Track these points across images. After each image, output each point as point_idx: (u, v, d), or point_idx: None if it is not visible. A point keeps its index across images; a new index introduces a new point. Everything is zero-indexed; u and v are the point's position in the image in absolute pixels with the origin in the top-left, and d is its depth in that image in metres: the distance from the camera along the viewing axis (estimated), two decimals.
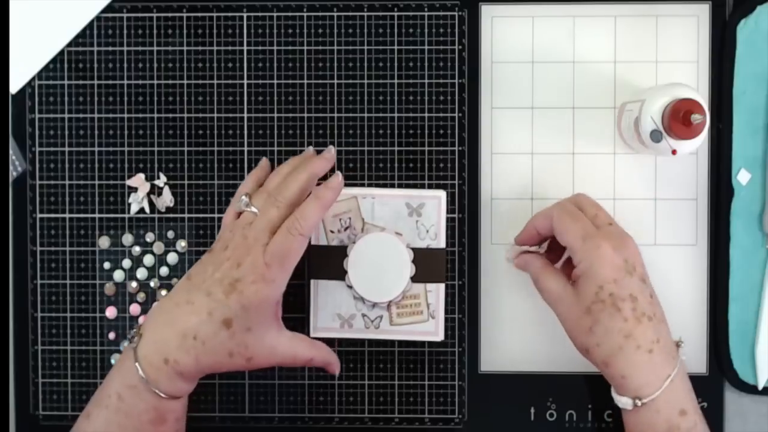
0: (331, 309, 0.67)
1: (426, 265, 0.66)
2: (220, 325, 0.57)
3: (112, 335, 0.69)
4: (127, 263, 0.69)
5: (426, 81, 0.68)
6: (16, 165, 0.69)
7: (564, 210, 0.61)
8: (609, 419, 0.68)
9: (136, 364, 0.57)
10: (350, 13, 0.68)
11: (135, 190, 0.69)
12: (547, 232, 0.62)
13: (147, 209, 0.69)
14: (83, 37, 0.69)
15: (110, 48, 0.69)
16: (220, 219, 0.69)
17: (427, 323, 0.67)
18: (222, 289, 0.57)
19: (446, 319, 0.68)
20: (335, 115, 0.68)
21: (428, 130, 0.68)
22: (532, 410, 0.68)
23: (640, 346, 0.56)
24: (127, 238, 0.69)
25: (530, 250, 0.65)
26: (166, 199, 0.69)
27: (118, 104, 0.69)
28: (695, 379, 0.68)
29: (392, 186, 0.68)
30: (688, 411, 0.57)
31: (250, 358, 0.59)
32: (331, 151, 0.65)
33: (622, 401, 0.58)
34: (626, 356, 0.56)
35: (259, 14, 0.68)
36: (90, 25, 0.68)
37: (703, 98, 0.59)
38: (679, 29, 0.68)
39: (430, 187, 0.68)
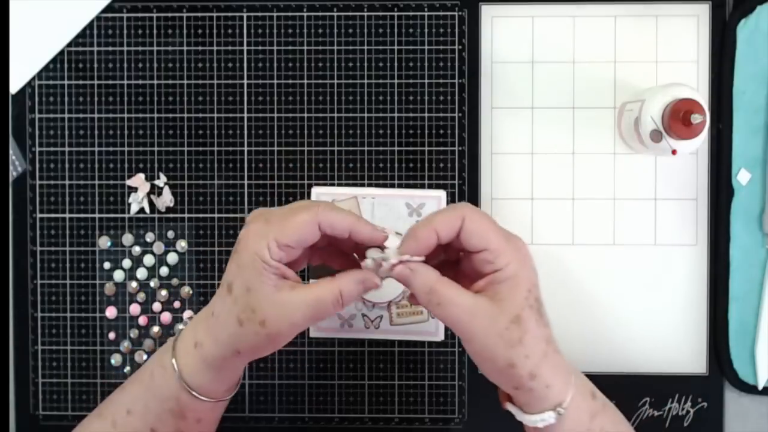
0: None
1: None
2: (226, 291, 0.53)
3: (112, 335, 0.69)
4: (127, 263, 0.69)
5: (426, 81, 0.68)
6: (16, 165, 0.69)
7: (473, 210, 0.52)
8: None
9: (174, 346, 0.55)
10: (350, 13, 0.68)
11: (135, 190, 0.69)
12: (449, 237, 0.52)
13: (147, 209, 0.69)
14: (83, 37, 0.69)
15: (110, 48, 0.69)
16: (220, 219, 0.69)
17: (427, 323, 0.67)
18: (232, 255, 0.54)
19: None
20: (335, 115, 0.68)
21: (428, 130, 0.68)
22: None
23: (556, 349, 0.52)
24: (127, 238, 0.69)
25: (412, 259, 0.52)
26: (166, 199, 0.69)
27: (118, 104, 0.69)
28: (695, 379, 0.68)
29: (392, 186, 0.68)
30: (595, 391, 0.54)
31: (263, 321, 0.51)
32: (386, 233, 0.54)
33: (544, 417, 0.51)
34: (550, 362, 0.51)
35: (259, 14, 0.68)
36: (90, 25, 0.69)
37: (703, 98, 0.59)
38: (679, 29, 0.68)
39: (430, 187, 0.68)
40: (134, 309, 0.69)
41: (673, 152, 0.60)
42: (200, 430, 0.56)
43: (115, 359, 0.69)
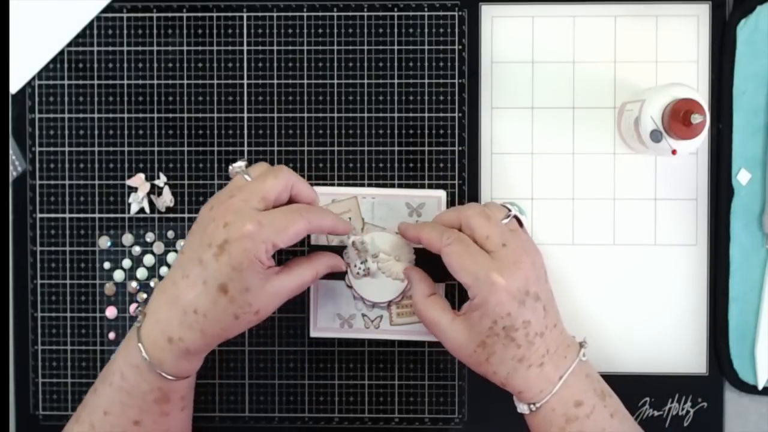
0: (331, 309, 0.67)
1: (426, 265, 0.66)
2: (217, 292, 0.55)
3: (112, 335, 0.69)
4: (127, 263, 0.69)
5: (426, 81, 0.68)
6: (16, 165, 0.69)
7: (455, 242, 0.59)
8: None
9: (139, 344, 0.57)
10: (350, 13, 0.68)
11: (135, 190, 0.69)
12: (434, 251, 0.61)
13: (147, 209, 0.69)
14: (83, 37, 0.69)
15: (110, 48, 0.69)
16: None
17: None
18: (212, 253, 0.55)
19: None
20: (335, 115, 0.68)
21: (428, 130, 0.68)
22: None
23: (532, 365, 0.58)
24: (127, 238, 0.69)
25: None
26: (166, 199, 0.69)
27: (118, 104, 0.69)
28: (695, 379, 0.68)
29: (392, 186, 0.68)
30: (584, 401, 0.58)
31: (257, 311, 0.57)
32: (348, 228, 0.63)
33: (520, 407, 0.60)
34: (520, 375, 0.58)
35: (259, 14, 0.68)
36: (90, 25, 0.69)
37: (703, 98, 0.59)
38: (679, 29, 0.68)
39: (430, 187, 0.68)
40: (134, 309, 0.69)
41: (673, 152, 0.60)
42: (184, 405, 0.60)
43: None
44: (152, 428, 0.58)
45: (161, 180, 0.69)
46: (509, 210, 0.61)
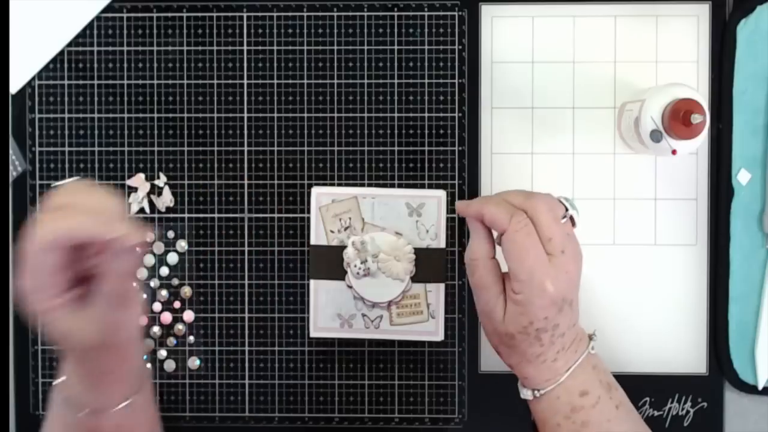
0: (331, 309, 0.67)
1: (426, 265, 0.66)
2: (62, 353, 0.54)
3: None
4: None
5: (426, 81, 0.68)
6: (16, 165, 0.69)
7: (524, 231, 0.57)
8: None
9: (57, 379, 0.55)
10: (350, 13, 0.68)
11: (135, 190, 0.69)
12: (495, 229, 0.59)
13: (147, 209, 0.69)
14: (83, 37, 0.69)
15: (110, 48, 0.69)
16: (220, 219, 0.69)
17: (427, 323, 0.67)
18: None
19: (446, 319, 0.68)
20: (335, 115, 0.68)
21: (428, 130, 0.68)
22: None
23: (546, 360, 0.58)
24: None
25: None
26: (166, 199, 0.69)
27: (118, 104, 0.69)
28: (695, 379, 0.68)
29: (392, 186, 0.68)
30: (590, 390, 0.58)
31: (106, 346, 0.50)
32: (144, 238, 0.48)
33: (523, 392, 0.60)
34: (531, 366, 0.58)
35: (259, 14, 0.68)
36: (90, 25, 0.68)
37: (703, 98, 0.59)
38: (679, 29, 0.68)
39: (430, 187, 0.68)
40: None
41: (673, 152, 0.60)
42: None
43: None
44: None
45: (161, 180, 0.69)
46: (566, 208, 0.59)
